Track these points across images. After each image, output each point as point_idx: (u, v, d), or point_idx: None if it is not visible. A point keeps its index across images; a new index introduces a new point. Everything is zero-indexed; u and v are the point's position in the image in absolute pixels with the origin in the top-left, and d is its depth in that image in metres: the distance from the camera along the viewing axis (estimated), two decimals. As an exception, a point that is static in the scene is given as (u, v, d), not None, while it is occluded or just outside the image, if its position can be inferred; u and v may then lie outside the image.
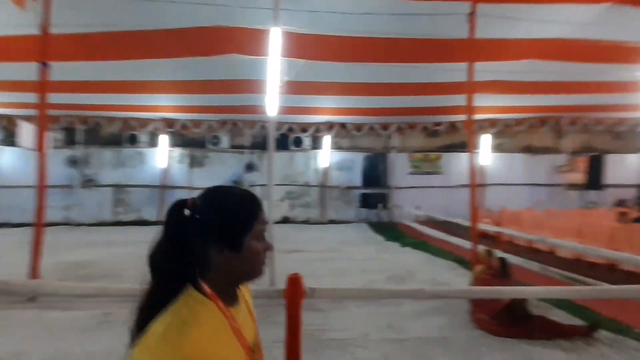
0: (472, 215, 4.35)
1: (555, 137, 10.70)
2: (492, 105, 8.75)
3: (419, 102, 8.35)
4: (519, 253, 5.66)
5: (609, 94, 7.81)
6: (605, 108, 9.09)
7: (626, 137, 10.33)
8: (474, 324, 3.34)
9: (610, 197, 10.17)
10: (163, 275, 0.62)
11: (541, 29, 4.99)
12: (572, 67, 6.38)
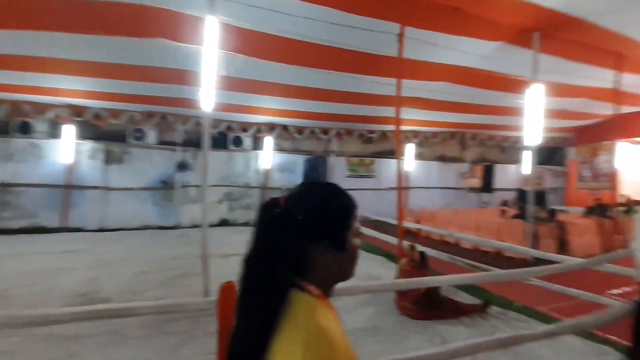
0: (398, 215, 4.74)
1: (461, 149, 12.35)
2: (416, 118, 9.72)
3: (355, 110, 8.79)
4: (434, 246, 6.30)
5: (498, 115, 9.34)
6: (495, 127, 10.88)
7: (509, 151, 12.47)
8: (399, 310, 3.66)
9: (498, 198, 12.06)
10: (265, 281, 0.56)
11: (453, 57, 5.75)
12: (473, 91, 7.50)
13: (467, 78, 6.70)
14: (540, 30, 4.89)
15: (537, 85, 5.32)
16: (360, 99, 7.80)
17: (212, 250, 3.76)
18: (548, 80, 6.61)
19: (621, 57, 5.82)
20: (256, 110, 8.74)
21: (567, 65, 6.18)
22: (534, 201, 5.72)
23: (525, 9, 4.36)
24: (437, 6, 4.37)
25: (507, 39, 5.19)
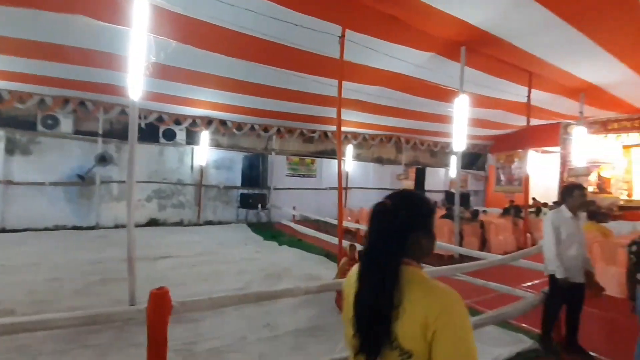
0: (339, 214, 4.78)
1: (397, 152, 13.18)
2: (355, 120, 10.04)
3: (297, 108, 8.70)
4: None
5: (429, 122, 10.16)
6: (427, 133, 11.83)
7: (439, 155, 13.70)
8: (340, 309, 3.67)
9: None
10: (397, 256, 0.82)
11: (391, 63, 6.02)
12: (408, 98, 8.00)
13: (403, 85, 7.11)
14: (466, 44, 5.38)
15: (463, 95, 5.88)
16: (302, 97, 7.75)
17: (139, 253, 3.33)
18: (473, 92, 7.42)
19: (532, 75, 6.76)
20: (191, 102, 8.10)
21: (488, 79, 6.96)
22: (460, 202, 6.30)
23: (453, 24, 4.73)
24: (376, 13, 4.50)
25: (438, 50, 5.62)
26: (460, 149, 6.11)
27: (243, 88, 7.15)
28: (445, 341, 0.72)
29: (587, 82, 7.15)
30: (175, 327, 2.90)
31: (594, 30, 4.94)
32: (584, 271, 2.64)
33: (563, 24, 4.72)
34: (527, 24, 4.74)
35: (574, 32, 4.96)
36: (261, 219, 10.66)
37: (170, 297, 1.68)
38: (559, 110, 9.22)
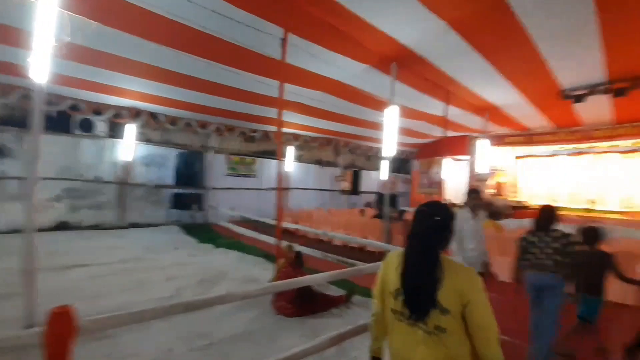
0: (278, 215, 4.75)
1: (335, 154, 13.65)
2: (297, 122, 10.10)
3: (238, 107, 8.38)
4: (311, 244, 6.67)
5: (365, 128, 10.76)
6: (363, 138, 12.52)
7: (373, 159, 14.60)
8: (275, 311, 3.63)
9: (363, 200, 13.94)
10: (438, 247, 1.19)
11: (331, 70, 6.23)
12: (346, 104, 8.37)
13: (341, 92, 7.41)
14: (397, 61, 5.86)
15: (393, 106, 6.37)
16: (243, 96, 7.50)
17: (45, 262, 2.79)
18: (401, 104, 8.09)
19: (449, 93, 7.66)
20: (115, 90, 7.18)
21: (414, 94, 7.67)
22: (389, 203, 6.80)
23: (385, 41, 5.10)
24: (318, 20, 4.61)
25: (373, 63, 6.00)
26: (390, 154, 6.59)
27: (177, 80, 6.61)
28: (480, 308, 1.11)
29: (490, 103, 8.40)
30: (87, 344, 2.53)
31: (496, 60, 5.84)
32: (482, 262, 3.09)
33: (473, 52, 5.47)
34: (446, 49, 5.36)
35: (481, 60, 5.79)
36: (196, 221, 9.98)
37: (75, 315, 1.41)
38: (469, 124, 10.61)
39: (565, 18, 4.40)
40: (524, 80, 6.82)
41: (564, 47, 5.24)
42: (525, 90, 7.38)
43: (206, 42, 5.08)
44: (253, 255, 6.28)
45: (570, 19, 4.43)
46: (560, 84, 6.87)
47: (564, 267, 2.51)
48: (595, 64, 5.84)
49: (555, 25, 4.59)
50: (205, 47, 5.32)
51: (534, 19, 4.45)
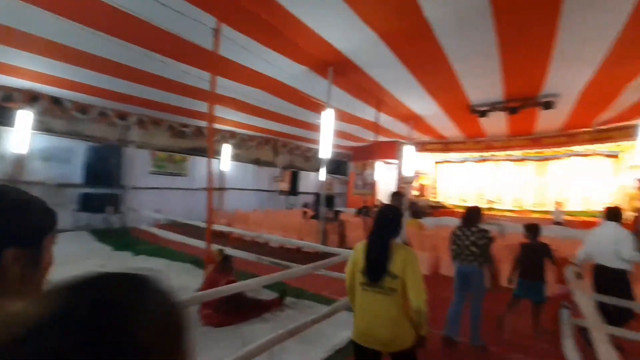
0: (208, 217, 4.37)
1: (274, 154, 13.38)
2: (234, 119, 9.57)
3: (164, 97, 7.55)
4: (246, 247, 6.33)
5: (303, 129, 10.78)
6: (301, 139, 12.54)
7: (311, 160, 14.73)
8: (202, 321, 3.31)
9: (302, 200, 13.93)
10: (390, 236, 1.75)
11: (268, 68, 6.02)
12: (285, 104, 8.23)
13: (280, 91, 7.26)
14: (333, 65, 5.96)
15: (329, 109, 6.47)
16: (171, 86, 6.78)
17: None
18: (337, 107, 8.28)
19: (380, 101, 8.11)
20: (3, 67, 5.82)
21: (349, 99, 7.93)
22: (326, 204, 6.88)
23: (322, 45, 5.12)
24: (253, 15, 4.39)
25: (311, 65, 5.99)
26: (327, 156, 6.66)
27: (89, 62, 5.64)
28: (414, 271, 1.67)
29: (415, 113, 9.17)
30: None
31: (419, 74, 6.35)
32: None
33: (401, 64, 5.85)
34: (377, 59, 5.63)
35: (407, 73, 6.24)
36: (112, 225, 8.67)
37: None
38: (397, 131, 11.44)
39: (473, 44, 4.99)
40: (442, 95, 7.61)
41: (473, 68, 5.97)
42: (442, 103, 8.24)
43: (126, 23, 4.42)
44: (181, 262, 5.70)
45: (477, 45, 5.05)
46: (469, 100, 7.84)
47: (478, 257, 2.91)
48: (496, 85, 6.80)
49: (466, 49, 5.18)
50: (124, 28, 4.63)
51: (450, 41, 4.95)
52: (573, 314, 2.58)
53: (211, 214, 4.31)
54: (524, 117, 8.54)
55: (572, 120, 9.18)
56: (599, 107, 7.88)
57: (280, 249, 7.39)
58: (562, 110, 8.14)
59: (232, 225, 7.96)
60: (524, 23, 4.44)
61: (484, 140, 12.36)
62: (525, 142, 11.60)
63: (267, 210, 10.66)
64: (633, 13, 3.96)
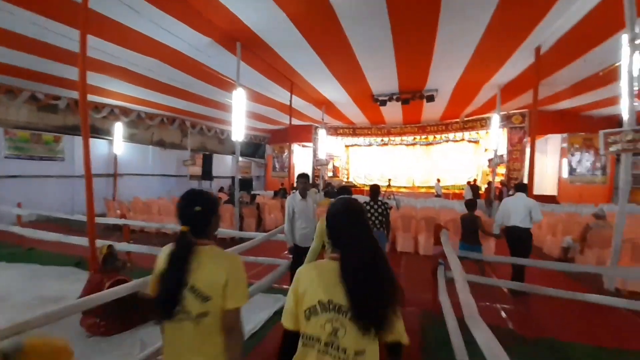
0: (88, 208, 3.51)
1: (182, 136, 11.87)
2: (125, 93, 7.98)
3: (15, 59, 5.68)
4: (150, 241, 5.49)
5: (214, 109, 9.81)
6: (213, 119, 11.44)
7: (226, 142, 13.67)
8: (87, 332, 2.71)
9: (217, 185, 12.91)
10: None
11: (163, 35, 5.09)
12: (191, 80, 7.24)
13: (182, 64, 6.30)
14: (241, 41, 5.42)
15: (240, 89, 5.96)
16: (27, 45, 5.14)
17: None
18: (250, 87, 7.76)
19: (293, 84, 7.92)
20: None
21: (263, 80, 7.48)
22: (243, 187, 6.47)
23: (228, 16, 4.56)
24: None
25: (216, 38, 5.32)
26: (239, 138, 6.20)
27: None
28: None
29: (326, 98, 9.35)
30: None
31: (329, 61, 6.39)
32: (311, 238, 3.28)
33: (311, 50, 5.75)
34: (288, 41, 5.38)
35: (317, 59, 6.20)
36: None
37: None
38: (311, 115, 11.56)
39: (372, 36, 5.23)
40: (349, 83, 7.91)
41: (373, 60, 6.32)
42: (350, 91, 8.60)
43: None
44: (57, 266, 4.55)
45: (377, 39, 5.31)
46: (372, 89, 8.39)
47: (382, 224, 3.59)
48: (393, 77, 7.42)
49: (367, 41, 5.40)
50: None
51: (354, 32, 5.06)
52: (446, 268, 3.05)
53: (91, 204, 3.48)
54: (414, 107, 9.67)
55: (447, 112, 10.87)
56: (465, 102, 9.51)
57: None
58: (440, 104, 9.53)
59: (129, 217, 6.78)
60: (412, 25, 4.85)
61: (385, 127, 13.63)
62: (415, 129, 13.29)
63: (176, 198, 9.50)
64: (489, 24, 4.75)
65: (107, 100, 8.53)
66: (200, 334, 1.05)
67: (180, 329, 1.06)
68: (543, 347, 2.53)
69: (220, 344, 1.06)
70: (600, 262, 4.30)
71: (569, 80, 6.91)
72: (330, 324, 0.89)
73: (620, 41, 3.68)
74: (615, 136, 3.58)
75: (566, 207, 7.83)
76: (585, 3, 4.12)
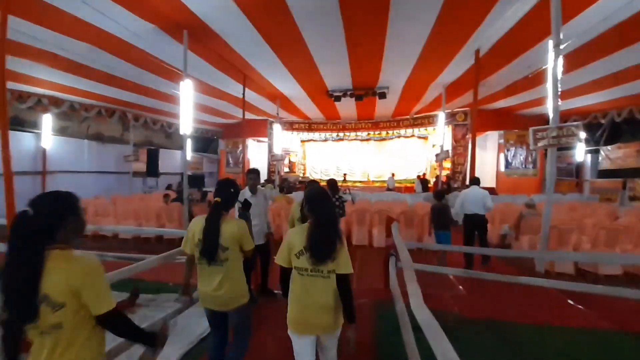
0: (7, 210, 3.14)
1: (123, 129, 10.86)
2: (55, 81, 7.09)
3: None
4: (85, 244, 5.00)
5: (160, 100, 9.16)
6: (159, 112, 10.66)
7: (175, 137, 12.83)
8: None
9: (165, 182, 12.08)
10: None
11: (99, 19, 4.65)
12: (132, 69, 6.66)
13: (121, 51, 5.80)
14: (188, 29, 5.16)
15: (188, 79, 5.68)
16: None
17: None
18: (200, 79, 7.41)
19: (246, 77, 7.74)
20: None
21: (213, 71, 7.19)
22: (194, 184, 6.18)
23: (173, 2, 4.32)
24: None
25: (161, 25, 5.00)
26: (188, 131, 5.93)
27: None
28: None
29: (280, 92, 9.31)
30: None
31: (282, 55, 6.39)
32: (264, 234, 3.31)
33: (264, 43, 5.70)
34: (238, 30, 5.25)
35: (271, 52, 6.16)
36: None
37: None
38: (266, 109, 11.41)
39: (326, 32, 5.37)
40: (304, 78, 7.99)
41: (327, 56, 6.48)
42: (304, 86, 8.68)
43: None
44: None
45: (329, 35, 5.46)
46: (327, 84, 8.57)
47: (340, 216, 3.71)
48: (346, 73, 7.67)
49: (321, 36, 5.52)
50: None
51: (307, 26, 5.14)
52: (397, 258, 3.27)
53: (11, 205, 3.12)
54: (367, 104, 10.11)
55: (398, 109, 11.54)
56: (414, 100, 10.20)
57: (136, 239, 6.27)
58: (392, 101, 10.09)
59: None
60: (363, 23, 5.08)
61: (340, 122, 14.00)
62: (369, 125, 13.88)
63: (116, 196, 8.74)
64: (434, 27, 5.16)
65: (34, 89, 7.51)
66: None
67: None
68: (483, 327, 2.80)
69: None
70: (532, 247, 4.74)
71: (504, 81, 7.76)
72: (310, 260, 1.51)
73: (547, 46, 4.09)
74: (542, 133, 4.04)
75: (503, 198, 8.67)
76: (517, 11, 4.63)
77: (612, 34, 4.85)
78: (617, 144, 9.33)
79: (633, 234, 4.42)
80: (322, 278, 1.50)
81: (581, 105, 8.92)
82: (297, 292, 1.55)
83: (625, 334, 2.73)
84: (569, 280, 3.88)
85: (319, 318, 1.51)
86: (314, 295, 1.51)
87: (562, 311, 3.18)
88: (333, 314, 1.52)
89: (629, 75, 6.50)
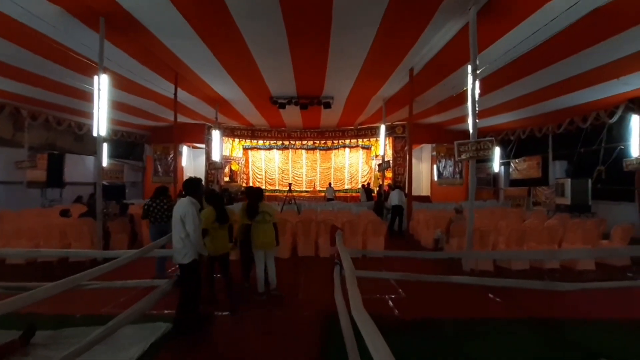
0: None
1: (14, 129, 9.12)
2: None
3: None
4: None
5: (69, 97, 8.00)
6: (67, 110, 9.26)
7: (87, 140, 11.25)
8: None
9: (72, 194, 10.42)
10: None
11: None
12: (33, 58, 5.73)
13: (20, 37, 4.98)
14: (106, 17, 4.65)
15: (104, 74, 5.09)
16: None
17: None
18: (120, 74, 6.69)
19: (179, 76, 7.26)
20: None
21: (138, 66, 6.57)
22: (112, 196, 5.47)
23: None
24: None
25: (69, 8, 4.41)
26: (103, 133, 5.28)
27: None
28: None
29: (220, 96, 8.98)
30: None
31: (222, 57, 6.20)
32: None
33: (201, 42, 5.46)
34: (168, 23, 4.92)
35: (208, 52, 5.93)
36: None
37: None
38: (202, 112, 10.85)
39: (268, 37, 5.38)
40: (245, 82, 7.85)
41: (270, 61, 6.50)
42: (246, 90, 8.53)
43: None
44: None
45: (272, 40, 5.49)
46: (270, 91, 8.56)
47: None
48: (291, 82, 7.78)
49: (263, 40, 5.52)
50: None
51: (247, 26, 5.08)
52: (342, 267, 3.36)
53: None
54: (313, 113, 10.36)
55: (342, 119, 12.09)
56: (358, 111, 10.81)
57: (30, 264, 5.28)
58: (337, 111, 10.53)
59: None
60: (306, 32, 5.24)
61: (285, 130, 14.05)
62: (315, 134, 14.21)
63: (4, 212, 7.28)
64: (373, 44, 5.57)
65: None
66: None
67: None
68: (420, 326, 3.10)
69: None
70: (460, 248, 5.32)
71: (435, 99, 8.75)
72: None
73: (467, 70, 4.76)
74: (464, 146, 4.68)
75: (436, 205, 9.68)
76: (444, 36, 5.30)
77: (518, 64, 5.87)
78: (523, 157, 11.18)
79: (536, 233, 5.37)
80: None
81: (495, 124, 10.55)
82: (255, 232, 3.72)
83: (532, 319, 3.27)
84: (489, 276, 4.57)
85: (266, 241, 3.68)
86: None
87: (484, 304, 3.69)
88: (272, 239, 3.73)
89: (530, 100, 7.91)
